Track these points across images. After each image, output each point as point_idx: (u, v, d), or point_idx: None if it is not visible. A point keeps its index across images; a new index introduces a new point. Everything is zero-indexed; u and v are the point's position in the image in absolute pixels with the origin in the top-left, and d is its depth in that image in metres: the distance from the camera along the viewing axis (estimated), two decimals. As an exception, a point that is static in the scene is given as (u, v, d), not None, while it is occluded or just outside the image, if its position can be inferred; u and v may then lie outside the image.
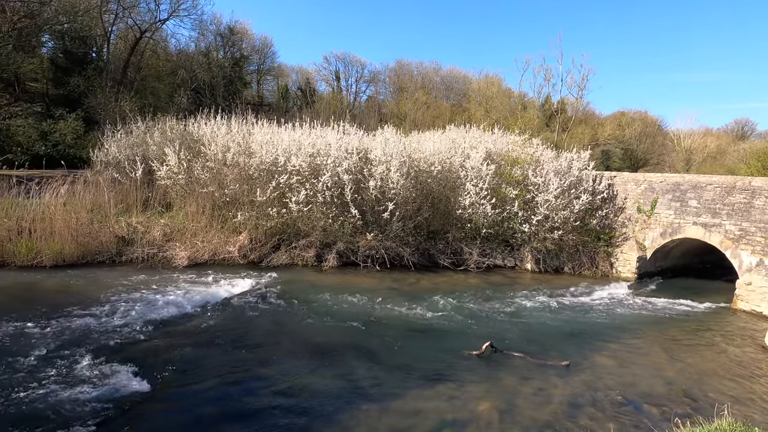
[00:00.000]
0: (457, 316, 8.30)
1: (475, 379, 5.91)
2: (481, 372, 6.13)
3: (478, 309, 8.81)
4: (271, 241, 11.65)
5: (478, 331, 7.61)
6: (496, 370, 6.21)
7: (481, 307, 8.91)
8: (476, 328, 7.78)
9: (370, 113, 31.46)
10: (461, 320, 8.12)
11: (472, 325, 7.89)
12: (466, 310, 8.71)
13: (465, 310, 8.66)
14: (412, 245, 11.90)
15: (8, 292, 8.41)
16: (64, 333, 6.56)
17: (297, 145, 12.05)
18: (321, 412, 4.95)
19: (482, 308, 8.87)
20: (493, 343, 6.68)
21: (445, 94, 40.77)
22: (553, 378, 6.03)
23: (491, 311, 8.74)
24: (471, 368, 6.22)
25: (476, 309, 8.79)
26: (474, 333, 7.51)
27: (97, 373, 5.46)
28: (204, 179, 12.10)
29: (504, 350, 6.72)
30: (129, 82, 26.24)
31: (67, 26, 24.79)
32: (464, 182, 12.24)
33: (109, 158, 14.23)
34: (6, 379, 5.17)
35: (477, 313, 8.57)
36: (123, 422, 4.54)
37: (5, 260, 9.89)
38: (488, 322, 8.14)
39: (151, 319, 7.32)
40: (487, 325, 7.97)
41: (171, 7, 27.39)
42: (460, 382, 5.81)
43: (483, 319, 8.27)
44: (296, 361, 6.22)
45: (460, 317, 8.27)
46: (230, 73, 29.10)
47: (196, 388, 5.35)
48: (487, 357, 6.55)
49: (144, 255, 10.88)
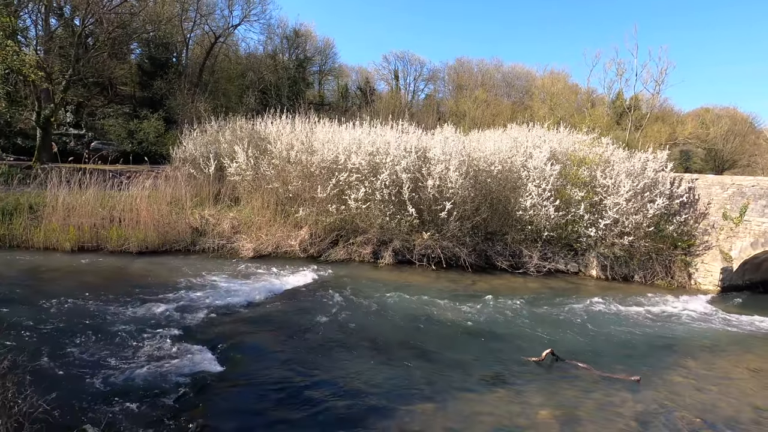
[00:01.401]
0: (515, 321, 8.06)
1: (535, 386, 5.72)
2: (541, 379, 5.91)
3: (538, 314, 8.48)
4: (329, 237, 12.02)
5: (537, 337, 7.34)
6: (557, 379, 5.96)
7: (541, 313, 8.58)
8: (535, 334, 7.51)
9: (428, 112, 31.29)
10: (519, 325, 7.88)
11: (531, 331, 7.62)
12: (524, 314, 8.43)
13: (523, 315, 8.39)
14: (469, 246, 11.71)
15: (101, 274, 9.42)
16: (147, 313, 7.24)
17: (357, 143, 12.31)
18: (377, 405, 5.05)
19: (542, 314, 8.54)
20: (555, 351, 6.41)
21: (506, 92, 39.55)
22: (621, 392, 5.68)
23: (552, 318, 8.38)
24: (530, 375, 6.02)
25: (535, 314, 8.48)
26: (533, 339, 7.26)
27: (176, 351, 5.97)
28: (269, 176, 12.75)
29: (566, 359, 6.42)
30: (204, 84, 28.20)
31: (152, 34, 27.16)
32: (526, 183, 11.82)
33: (186, 155, 15.44)
34: (97, 351, 5.81)
35: (536, 318, 8.26)
36: (200, 397, 4.94)
37: (100, 245, 11.10)
38: (548, 328, 7.81)
39: (221, 305, 7.86)
40: (547, 331, 7.65)
41: (242, 13, 29.05)
42: (518, 387, 5.65)
43: (542, 325, 7.95)
44: (353, 353, 6.38)
45: (519, 322, 8.02)
46: (294, 74, 30.29)
47: (261, 372, 5.68)
48: (547, 365, 6.30)
49: (214, 245, 11.69)
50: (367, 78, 38.38)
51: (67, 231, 10.96)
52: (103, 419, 4.26)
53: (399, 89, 38.38)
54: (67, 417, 4.28)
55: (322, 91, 38.72)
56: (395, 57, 38.85)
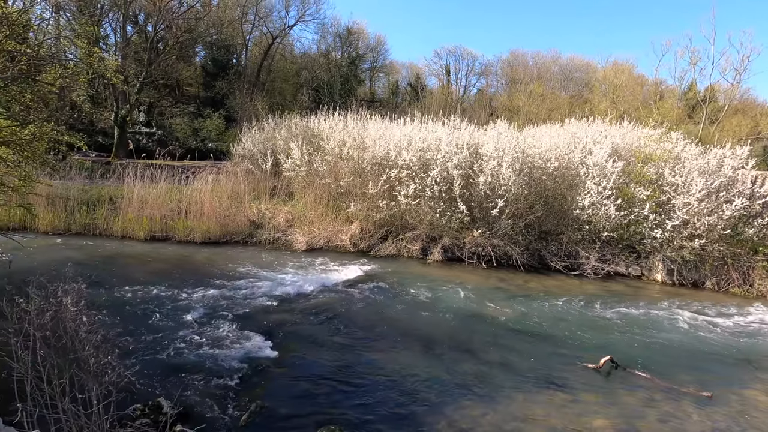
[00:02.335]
0: (570, 324, 7.75)
1: (591, 393, 5.48)
2: (598, 386, 5.66)
3: (595, 318, 8.10)
4: (379, 232, 12.18)
5: (594, 342, 7.02)
6: (616, 388, 5.67)
7: (598, 317, 8.18)
8: (592, 339, 7.17)
9: (480, 107, 30.64)
10: (574, 328, 7.56)
11: (588, 336, 7.29)
12: (580, 318, 8.08)
13: (579, 318, 8.04)
14: (522, 245, 11.38)
15: (170, 261, 10.20)
16: (209, 298, 7.75)
17: (408, 139, 12.34)
18: (425, 400, 5.09)
19: (599, 318, 8.14)
20: (614, 358, 6.10)
21: (563, 85, 37.82)
22: (688, 407, 5.30)
23: (610, 323, 7.97)
24: (586, 381, 5.78)
25: (592, 318, 8.10)
26: (589, 344, 6.94)
27: (235, 336, 6.36)
28: (322, 171, 13.13)
29: (627, 368, 6.09)
30: (261, 83, 29.47)
31: (215, 37, 28.77)
32: (584, 180, 11.27)
33: (245, 151, 16.26)
34: (167, 331, 6.32)
35: (593, 322, 7.89)
36: (257, 380, 5.24)
37: (168, 235, 12.01)
38: (606, 334, 7.44)
39: (276, 294, 8.24)
40: (605, 337, 7.29)
41: (298, 14, 30.02)
42: (573, 393, 5.44)
43: (600, 330, 7.58)
44: (401, 348, 6.45)
45: (574, 325, 7.70)
46: (347, 72, 30.83)
47: (313, 360, 5.90)
48: (605, 372, 6.01)
49: (270, 238, 12.24)
50: (418, 74, 38.24)
51: (141, 221, 11.97)
52: (174, 393, 4.64)
53: (450, 84, 37.87)
54: (145, 389, 4.72)
55: (373, 88, 39.11)
56: (447, 52, 38.40)
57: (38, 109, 7.88)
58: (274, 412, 4.66)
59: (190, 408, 4.58)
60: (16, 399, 3.29)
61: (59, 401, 3.17)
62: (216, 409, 4.64)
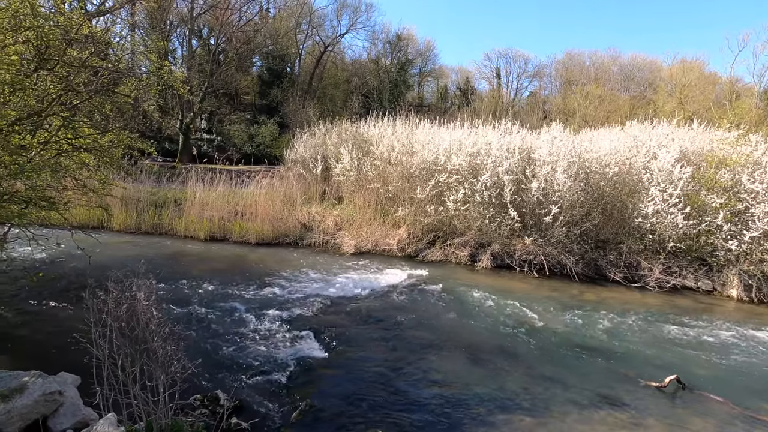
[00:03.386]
0: (630, 339, 7.26)
1: (654, 414, 5.10)
2: (662, 408, 5.26)
3: (658, 334, 7.53)
4: (427, 237, 12.12)
5: (656, 360, 6.53)
6: (682, 410, 5.24)
7: (662, 333, 7.60)
8: (654, 356, 6.68)
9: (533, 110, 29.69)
10: (634, 344, 7.08)
11: (649, 353, 6.80)
12: (641, 333, 7.55)
13: (640, 334, 7.52)
14: (577, 253, 10.86)
15: (227, 261, 10.76)
16: (262, 297, 8.09)
17: (457, 144, 12.21)
18: (472, 410, 4.97)
19: (663, 334, 7.56)
20: (681, 378, 5.65)
21: (623, 86, 35.80)
22: (768, 436, 4.79)
23: (675, 340, 7.38)
24: (649, 401, 5.39)
25: (655, 334, 7.54)
26: (652, 362, 6.47)
27: (285, 334, 6.58)
28: (371, 176, 13.30)
29: (695, 389, 5.61)
30: (313, 91, 30.45)
31: (271, 48, 30.11)
32: (648, 186, 10.57)
33: (297, 156, 16.84)
34: (222, 327, 6.66)
35: (656, 339, 7.35)
36: (306, 379, 5.38)
37: (225, 235, 12.69)
38: (670, 351, 6.90)
39: (324, 296, 8.44)
40: (669, 355, 6.76)
41: (349, 22, 30.77)
42: (633, 413, 5.10)
43: (663, 347, 7.04)
44: (449, 355, 6.36)
45: (634, 340, 7.21)
46: (396, 77, 31.10)
47: (361, 363, 5.97)
48: (671, 392, 5.58)
49: (320, 240, 12.56)
50: (467, 77, 37.76)
51: (201, 222, 12.74)
52: (229, 386, 4.88)
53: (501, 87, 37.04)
54: (203, 380, 5.01)
55: (422, 93, 39.12)
56: (498, 54, 37.63)
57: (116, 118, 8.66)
58: (323, 412, 4.77)
59: (244, 401, 4.79)
60: (95, 383, 3.62)
61: (131, 387, 3.44)
62: (267, 405, 4.82)
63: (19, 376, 3.76)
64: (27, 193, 5.65)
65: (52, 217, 6.41)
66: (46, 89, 6.23)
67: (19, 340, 5.94)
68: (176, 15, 25.79)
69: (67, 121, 6.69)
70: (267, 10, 31.00)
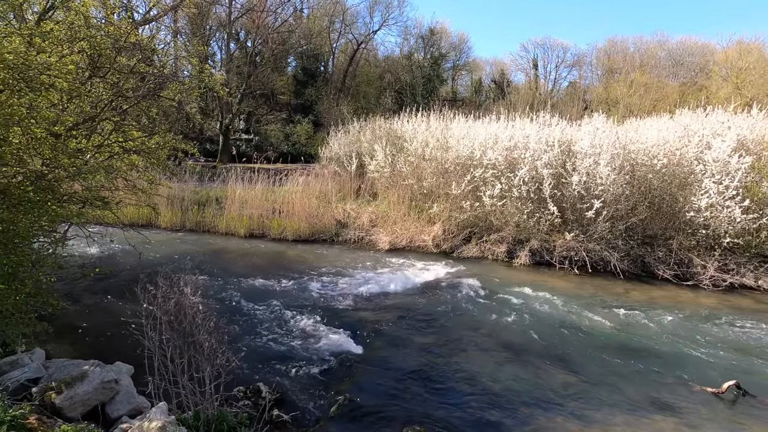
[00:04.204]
0: (682, 341, 6.86)
1: (711, 421, 4.79)
2: (720, 415, 4.93)
3: (713, 336, 7.06)
4: (462, 233, 11.95)
5: (713, 364, 6.13)
6: (743, 418, 4.89)
7: (718, 335, 7.12)
8: (710, 360, 6.27)
9: (572, 101, 28.57)
10: (688, 346, 6.68)
11: (704, 356, 6.39)
12: (694, 334, 7.11)
13: (693, 335, 7.08)
14: (622, 250, 10.36)
15: (266, 257, 11.06)
16: (300, 292, 8.25)
17: (493, 138, 11.93)
18: (511, 409, 4.86)
19: (719, 336, 7.08)
20: (741, 384, 5.27)
21: (672, 72, 33.75)
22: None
23: (733, 342, 6.89)
24: (704, 407, 5.07)
25: (710, 336, 7.08)
26: (706, 365, 6.08)
27: (323, 329, 6.68)
28: (405, 172, 13.26)
29: (758, 396, 5.22)
30: (346, 88, 30.69)
31: (305, 47, 30.58)
32: (701, 178, 9.92)
33: (332, 154, 17.05)
34: (262, 321, 6.85)
35: (711, 341, 6.89)
36: (344, 374, 5.45)
37: (264, 232, 13.05)
38: (728, 355, 6.45)
39: (360, 292, 8.50)
40: (726, 358, 6.32)
41: (382, 18, 30.75)
42: (687, 419, 4.81)
43: (719, 350, 6.59)
44: (487, 353, 6.25)
45: (687, 342, 6.80)
46: (429, 72, 30.80)
47: (399, 360, 5.97)
48: (729, 399, 5.22)
49: (354, 237, 12.67)
50: (502, 70, 36.81)
51: (241, 220, 13.16)
52: (270, 379, 5.02)
53: (538, 79, 35.88)
54: (246, 373, 5.18)
55: (455, 87, 38.55)
56: (534, 45, 36.46)
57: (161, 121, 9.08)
58: (361, 407, 4.81)
59: (284, 394, 4.91)
60: (146, 373, 3.82)
61: (179, 378, 3.61)
62: (306, 398, 4.92)
63: (79, 365, 4.02)
64: (84, 193, 6.02)
65: (105, 216, 6.81)
66: (98, 95, 6.62)
67: (78, 331, 6.37)
68: (215, 20, 26.69)
69: (117, 125, 7.09)
70: (301, 11, 31.51)
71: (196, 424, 3.40)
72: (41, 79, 4.92)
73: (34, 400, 3.69)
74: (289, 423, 4.35)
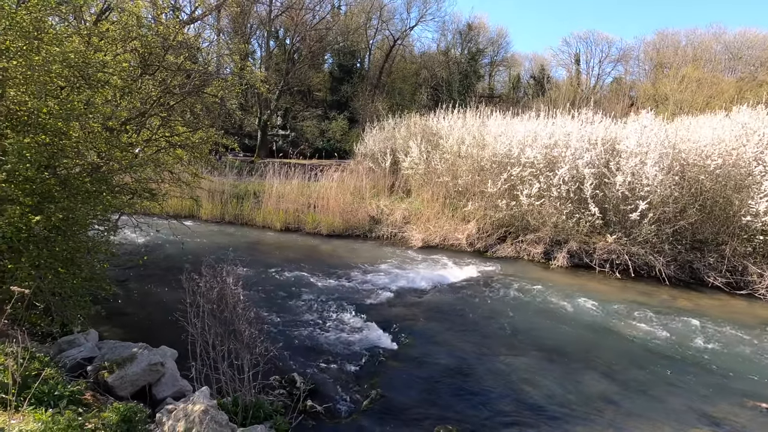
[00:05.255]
0: (735, 353, 6.44)
1: (766, 440, 4.49)
2: (775, 434, 4.61)
3: (771, 350, 6.60)
4: (497, 233, 11.73)
5: None
6: (803, 439, 4.55)
7: (777, 349, 6.64)
8: (765, 374, 5.86)
9: (617, 97, 27.34)
10: (741, 359, 6.27)
11: (760, 370, 5.98)
12: (749, 347, 6.66)
13: (746, 347, 6.64)
14: (668, 255, 9.84)
15: (301, 251, 11.28)
16: (333, 287, 8.37)
17: (532, 136, 11.61)
18: (546, 414, 4.74)
19: (778, 351, 6.60)
20: (801, 401, 4.90)
21: (728, 66, 31.68)
22: None
23: (795, 358, 6.41)
24: (759, 423, 4.75)
25: (765, 349, 6.61)
26: (761, 380, 5.69)
27: (356, 324, 6.75)
28: (440, 169, 13.13)
29: (820, 416, 4.84)
30: (382, 85, 30.71)
31: (342, 44, 30.84)
32: (759, 180, 9.25)
33: (366, 150, 17.12)
34: (297, 314, 7.00)
35: (766, 354, 6.44)
36: (376, 369, 5.49)
37: (299, 226, 13.31)
38: (789, 371, 6.01)
39: (394, 288, 8.52)
40: (787, 374, 5.89)
41: (419, 14, 30.50)
42: (739, 436, 4.53)
43: (779, 365, 6.15)
44: (521, 356, 6.11)
45: (740, 355, 6.39)
46: (466, 68, 30.34)
47: (430, 357, 5.94)
48: (787, 417, 4.86)
49: (387, 233, 12.70)
50: (542, 65, 35.71)
51: (278, 214, 13.48)
52: (304, 371, 5.13)
53: (580, 74, 34.58)
54: (281, 363, 5.31)
55: (492, 83, 37.78)
56: (577, 39, 35.16)
57: (205, 117, 9.43)
58: (392, 403, 4.83)
59: (318, 385, 5.00)
60: (189, 358, 3.99)
61: (220, 364, 3.75)
62: (339, 391, 4.99)
63: (129, 347, 4.26)
64: (134, 185, 6.36)
65: (152, 206, 7.16)
66: (148, 92, 6.96)
67: (127, 316, 6.74)
68: (256, 18, 27.38)
69: (164, 120, 7.43)
70: (338, 8, 31.77)
71: (234, 409, 3.52)
72: (98, 77, 5.22)
73: (89, 377, 3.94)
74: (322, 414, 4.43)
